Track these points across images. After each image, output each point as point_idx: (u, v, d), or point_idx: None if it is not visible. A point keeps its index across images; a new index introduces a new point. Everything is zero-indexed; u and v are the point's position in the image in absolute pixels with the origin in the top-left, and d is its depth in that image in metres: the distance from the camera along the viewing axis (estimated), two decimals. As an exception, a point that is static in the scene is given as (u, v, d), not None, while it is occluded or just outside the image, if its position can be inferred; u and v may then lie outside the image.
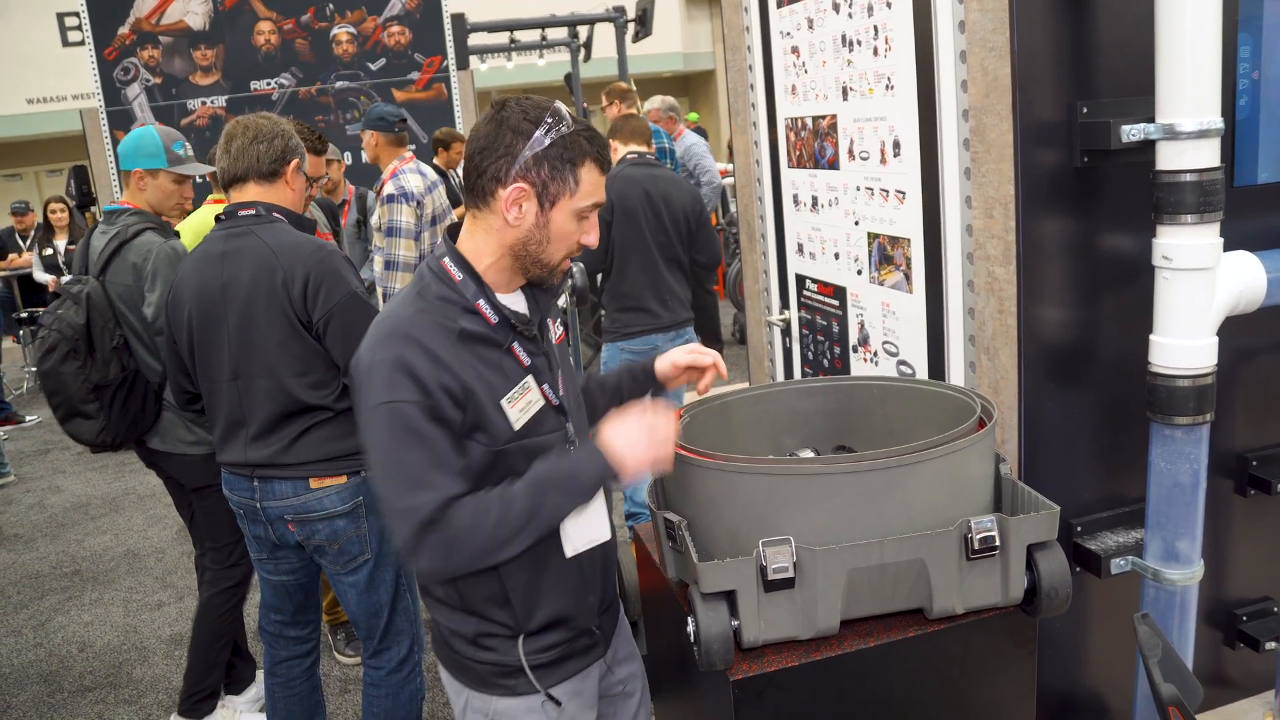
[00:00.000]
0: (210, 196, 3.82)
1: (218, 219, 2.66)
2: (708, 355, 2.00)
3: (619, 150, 4.45)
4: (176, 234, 3.22)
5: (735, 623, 1.66)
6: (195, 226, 3.46)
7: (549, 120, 1.64)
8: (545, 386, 1.77)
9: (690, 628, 1.69)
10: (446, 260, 1.73)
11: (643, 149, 4.47)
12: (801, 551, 1.63)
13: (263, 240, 2.56)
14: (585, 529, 1.79)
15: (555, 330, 1.91)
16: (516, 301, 1.79)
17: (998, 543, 1.66)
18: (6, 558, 5.44)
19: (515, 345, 1.74)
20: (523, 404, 1.73)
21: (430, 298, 1.70)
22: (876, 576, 1.67)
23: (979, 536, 1.65)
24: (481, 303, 1.70)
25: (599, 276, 4.47)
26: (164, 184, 3.17)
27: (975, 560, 1.67)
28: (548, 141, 1.63)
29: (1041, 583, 1.71)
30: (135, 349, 3.15)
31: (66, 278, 7.27)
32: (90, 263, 3.17)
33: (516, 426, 1.71)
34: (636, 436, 1.66)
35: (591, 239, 1.74)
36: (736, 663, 1.67)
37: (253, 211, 2.62)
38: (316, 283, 2.51)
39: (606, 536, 1.84)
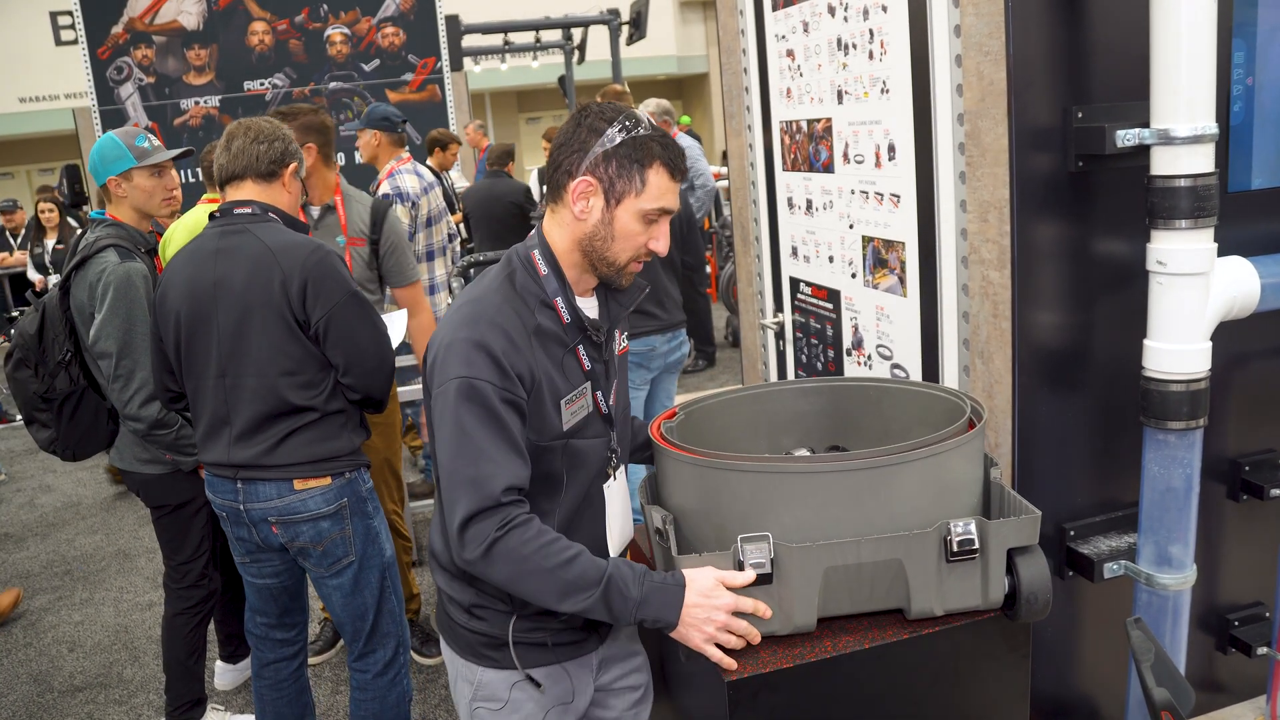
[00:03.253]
0: (204, 196, 3.80)
1: (212, 216, 2.65)
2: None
3: None
4: (150, 252, 3.14)
5: None
6: (190, 225, 3.44)
7: (623, 121, 1.70)
8: (599, 394, 1.82)
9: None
10: (535, 253, 1.78)
11: None
12: (779, 548, 1.64)
13: (259, 239, 2.54)
14: (621, 534, 1.91)
15: (620, 341, 1.93)
16: (590, 305, 1.84)
17: (977, 545, 1.66)
18: (-3, 557, 5.41)
19: (580, 348, 1.78)
20: (576, 407, 1.77)
21: (516, 287, 1.75)
22: (854, 575, 1.67)
23: (958, 539, 1.65)
24: (560, 300, 1.76)
25: None
26: (141, 182, 3.09)
27: (955, 563, 1.68)
28: (619, 140, 1.69)
29: (1021, 587, 1.71)
30: (89, 364, 3.09)
31: (55, 277, 7.23)
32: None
33: (566, 427, 1.75)
34: (716, 616, 1.63)
35: (661, 245, 1.76)
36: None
37: (249, 210, 2.60)
38: (316, 283, 2.50)
39: (630, 537, 1.95)
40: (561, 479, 1.78)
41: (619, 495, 1.92)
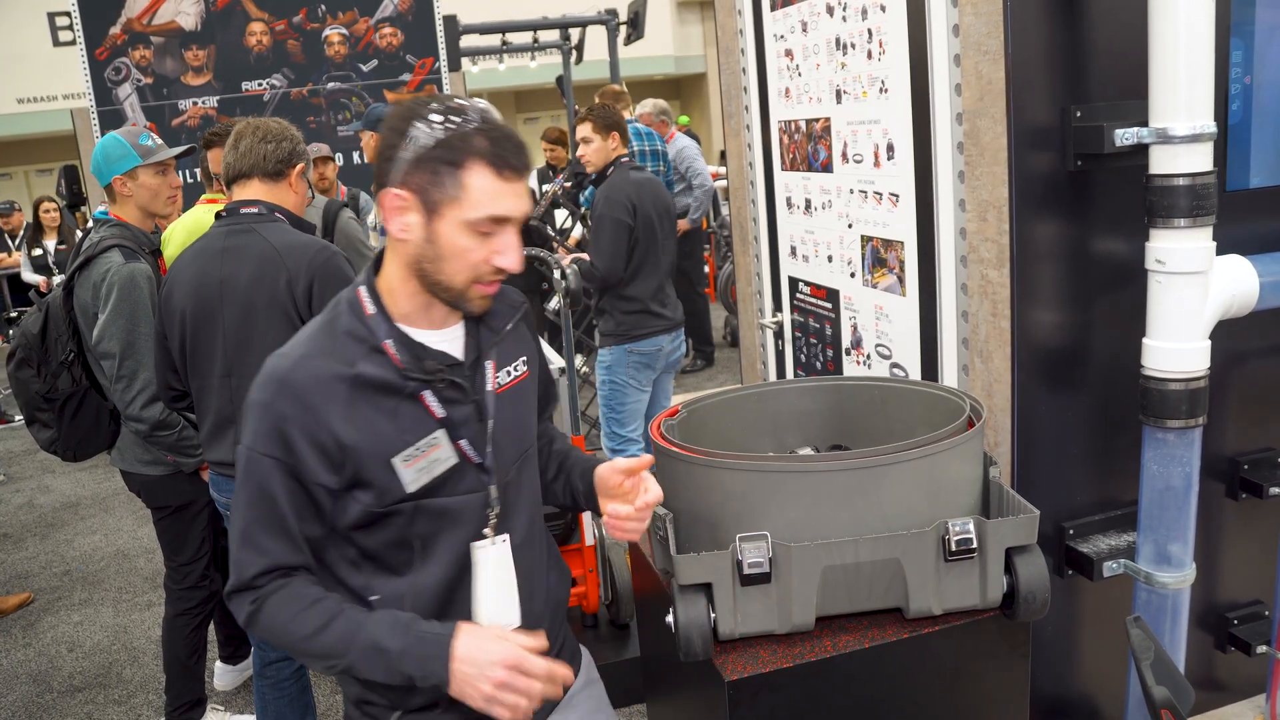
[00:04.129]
0: (204, 196, 3.80)
1: (218, 215, 2.65)
2: (646, 457, 1.68)
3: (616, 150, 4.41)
4: (155, 253, 3.14)
5: (714, 615, 1.68)
6: (190, 226, 3.43)
7: (439, 117, 1.43)
8: (464, 442, 1.54)
9: (670, 618, 1.71)
10: (362, 290, 1.54)
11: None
12: (777, 547, 1.65)
13: (266, 239, 2.55)
14: (501, 609, 1.59)
15: (514, 370, 1.65)
16: (448, 340, 1.57)
17: (975, 545, 1.67)
18: (-7, 557, 5.41)
19: (426, 394, 1.52)
20: (424, 462, 1.51)
21: (336, 333, 1.52)
22: (852, 574, 1.68)
23: (956, 538, 1.65)
24: (390, 343, 1.50)
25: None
26: (146, 180, 3.08)
27: (953, 562, 1.68)
28: (431, 141, 1.42)
29: (1020, 586, 1.71)
30: (91, 365, 3.08)
31: (59, 278, 7.24)
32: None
33: (411, 488, 1.50)
34: (491, 672, 1.41)
35: (509, 260, 1.47)
36: (731, 663, 1.68)
37: (255, 210, 2.61)
38: (322, 283, 2.51)
39: (515, 623, 1.60)
40: (412, 546, 1.54)
41: (497, 561, 1.59)
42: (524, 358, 1.67)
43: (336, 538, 1.54)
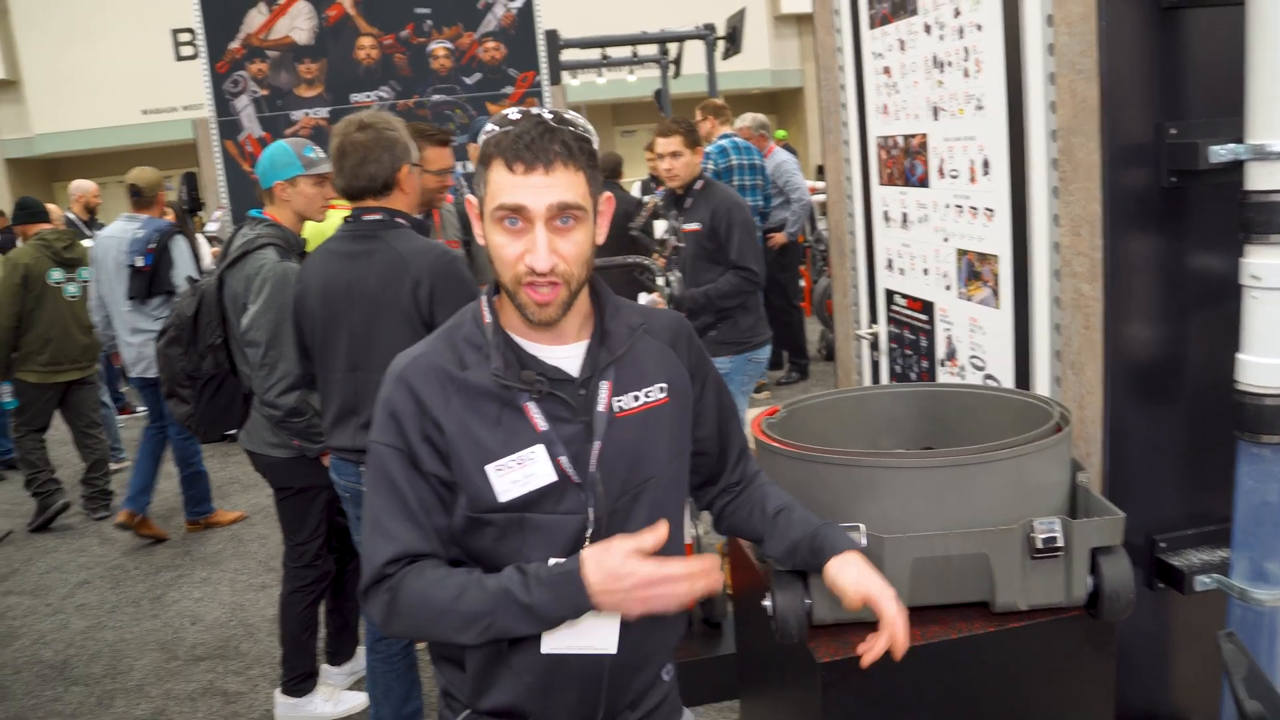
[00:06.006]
0: (330, 200, 3.99)
1: (345, 220, 2.85)
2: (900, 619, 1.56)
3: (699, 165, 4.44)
4: (301, 255, 3.33)
5: (808, 601, 1.74)
6: (319, 228, 3.62)
7: (491, 125, 1.48)
8: (564, 460, 1.51)
9: (767, 603, 1.78)
10: (484, 299, 1.59)
11: None
12: (871, 538, 1.71)
13: (391, 245, 2.73)
14: (577, 633, 1.53)
15: (645, 395, 1.59)
16: (567, 357, 1.55)
17: (1061, 543, 1.71)
18: (125, 536, 5.76)
19: (531, 406, 1.51)
20: (519, 475, 1.50)
21: (456, 338, 1.57)
22: (941, 567, 1.74)
23: (1042, 536, 1.70)
24: (496, 351, 1.52)
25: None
26: (305, 189, 3.29)
27: (1039, 559, 1.73)
28: (483, 148, 1.47)
29: (1104, 586, 1.75)
30: (234, 351, 3.29)
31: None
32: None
33: (503, 498, 1.50)
34: (636, 594, 1.40)
35: (533, 259, 1.43)
36: (824, 646, 1.75)
37: (378, 217, 2.79)
38: (444, 287, 2.68)
39: (606, 650, 1.55)
40: (490, 563, 1.52)
41: None
42: (662, 384, 1.61)
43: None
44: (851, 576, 1.56)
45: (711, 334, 4.30)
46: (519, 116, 1.45)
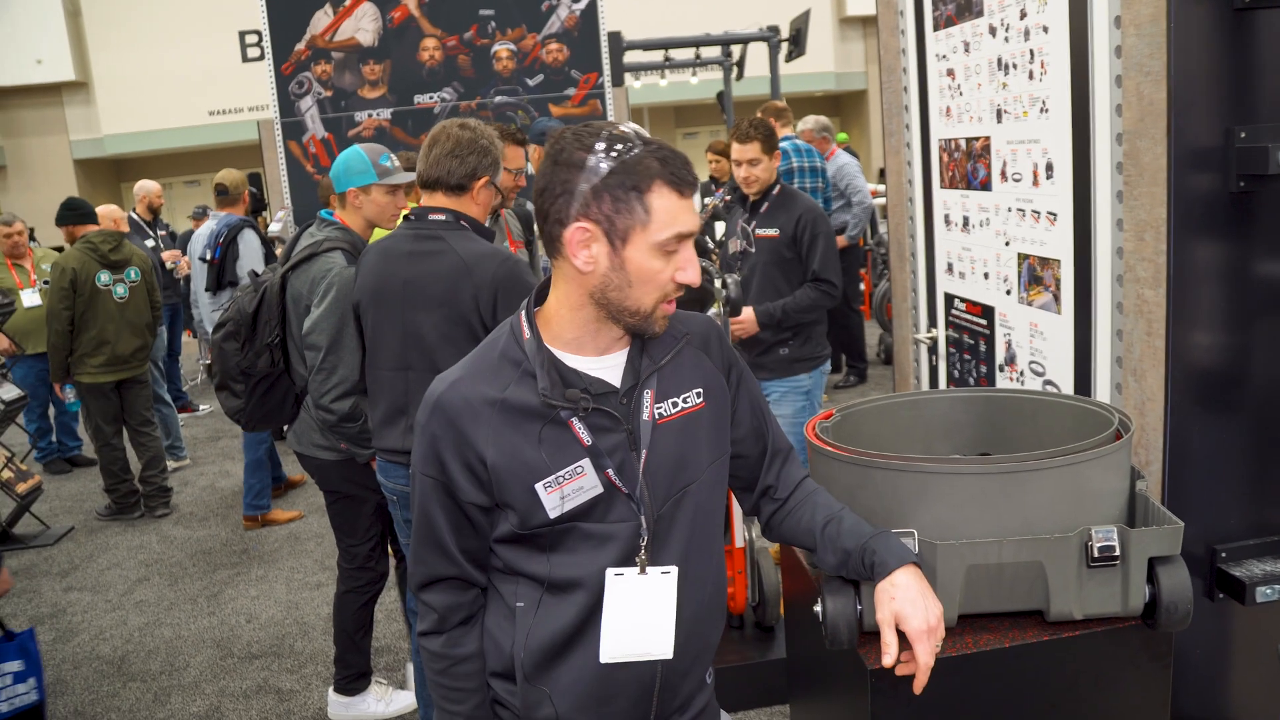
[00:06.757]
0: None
1: (406, 218, 2.84)
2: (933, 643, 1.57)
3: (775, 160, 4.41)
4: None
5: (859, 607, 1.74)
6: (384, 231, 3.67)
7: (603, 145, 1.45)
8: (611, 471, 1.53)
9: (818, 608, 1.78)
10: (523, 314, 1.58)
11: None
12: (923, 544, 1.70)
13: (453, 247, 2.70)
14: (636, 639, 1.55)
15: (683, 401, 1.61)
16: (608, 368, 1.56)
17: (1118, 552, 1.69)
18: (183, 534, 5.89)
19: (574, 421, 1.52)
20: (568, 489, 1.52)
21: (494, 356, 1.57)
22: (995, 575, 1.72)
23: (1099, 545, 1.68)
24: (541, 370, 1.52)
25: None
26: (377, 197, 3.27)
27: (1095, 568, 1.71)
28: (605, 169, 1.43)
29: (1162, 596, 1.72)
30: (290, 351, 3.30)
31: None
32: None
33: (554, 514, 1.52)
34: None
35: (690, 275, 1.48)
36: (874, 652, 1.74)
37: (441, 217, 2.76)
38: (506, 292, 2.64)
39: (664, 655, 1.57)
40: (542, 572, 1.57)
41: (639, 593, 1.56)
42: (698, 389, 1.63)
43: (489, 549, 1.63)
44: (884, 617, 1.58)
45: (783, 351, 4.17)
46: (635, 137, 1.47)
